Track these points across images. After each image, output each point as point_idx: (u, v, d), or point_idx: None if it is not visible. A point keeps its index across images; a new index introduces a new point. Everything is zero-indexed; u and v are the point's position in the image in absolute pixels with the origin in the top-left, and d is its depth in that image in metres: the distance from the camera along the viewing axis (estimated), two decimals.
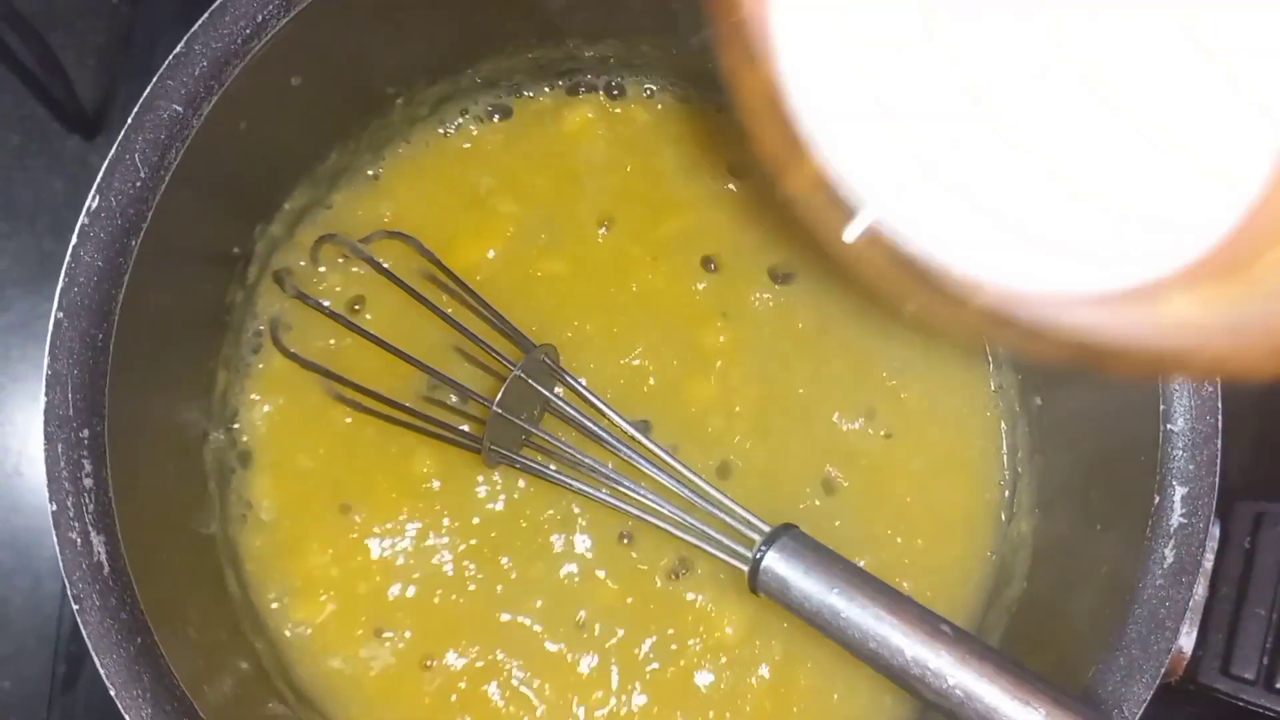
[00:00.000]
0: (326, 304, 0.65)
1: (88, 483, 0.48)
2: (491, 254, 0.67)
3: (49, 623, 0.75)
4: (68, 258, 0.49)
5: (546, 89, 0.70)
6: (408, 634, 0.63)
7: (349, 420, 0.65)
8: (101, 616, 0.47)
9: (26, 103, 0.82)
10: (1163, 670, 0.52)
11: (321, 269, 0.66)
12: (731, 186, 0.69)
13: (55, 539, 0.47)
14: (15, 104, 0.83)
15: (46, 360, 0.49)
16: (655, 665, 0.63)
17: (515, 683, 0.63)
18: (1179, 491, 0.53)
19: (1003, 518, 0.67)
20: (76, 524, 0.47)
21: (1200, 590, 0.54)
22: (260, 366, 0.65)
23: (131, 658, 0.47)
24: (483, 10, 0.63)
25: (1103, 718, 0.46)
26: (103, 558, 0.47)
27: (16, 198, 0.83)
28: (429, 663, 0.63)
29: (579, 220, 0.68)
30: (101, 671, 0.47)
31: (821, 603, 0.53)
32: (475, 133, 0.69)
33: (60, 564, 0.47)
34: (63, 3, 0.85)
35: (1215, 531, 0.55)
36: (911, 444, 0.67)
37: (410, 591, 0.63)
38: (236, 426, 0.64)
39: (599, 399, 0.63)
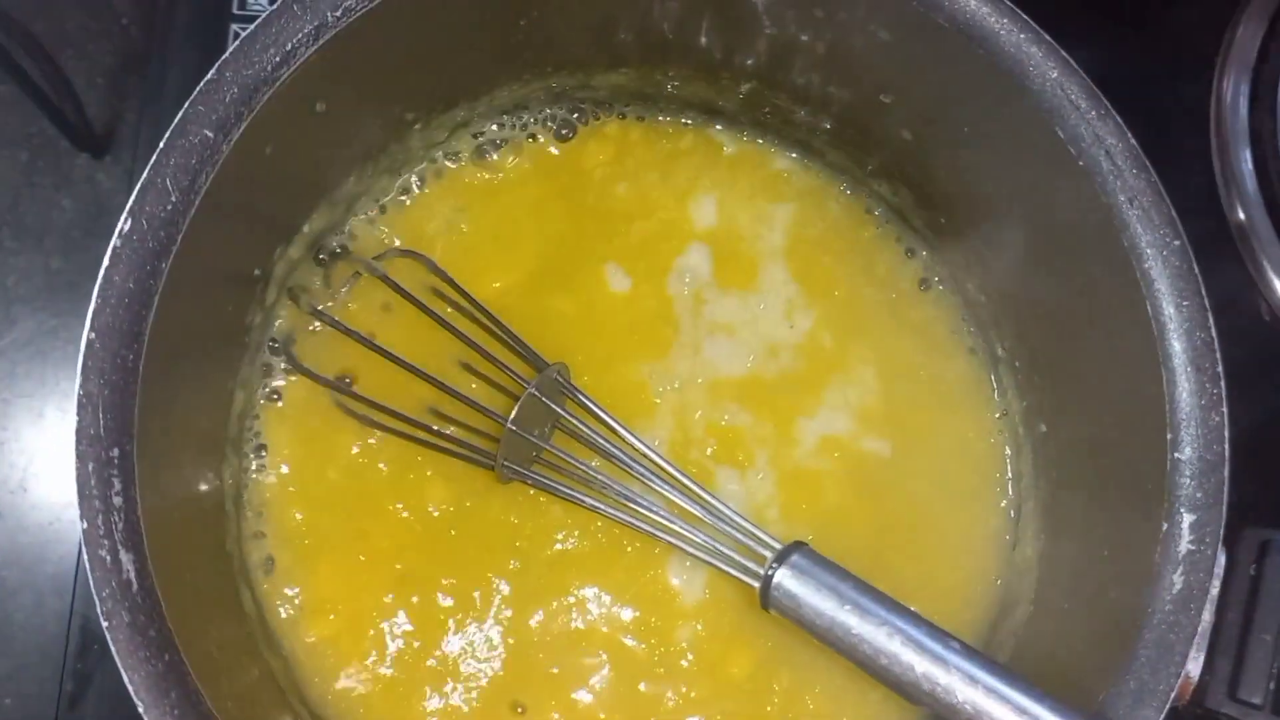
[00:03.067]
0: (340, 321, 0.66)
1: (117, 501, 0.48)
2: (500, 284, 0.68)
3: (52, 641, 0.75)
4: (100, 280, 0.49)
5: (560, 116, 0.71)
6: (418, 654, 0.63)
7: (363, 442, 0.65)
8: (130, 634, 0.47)
9: (36, 121, 0.82)
10: (1172, 695, 0.53)
11: (335, 287, 0.67)
12: None
13: (85, 557, 0.47)
14: (24, 122, 0.83)
15: (79, 381, 0.49)
16: (671, 699, 0.64)
17: (520, 710, 0.63)
18: (1187, 519, 0.54)
19: (1008, 541, 0.67)
20: (106, 542, 0.47)
21: (1207, 616, 0.55)
22: (276, 387, 0.66)
23: (160, 674, 0.47)
24: (500, 39, 0.64)
25: None
26: (131, 575, 0.48)
27: (24, 216, 0.82)
28: (440, 683, 0.63)
29: (590, 251, 0.70)
30: (130, 688, 0.47)
31: (833, 619, 0.53)
32: (489, 158, 0.70)
33: (90, 581, 0.47)
34: (73, 23, 0.85)
35: (1221, 558, 0.55)
36: (917, 469, 0.68)
37: (422, 611, 0.64)
38: (253, 446, 0.65)
39: (611, 416, 0.63)
